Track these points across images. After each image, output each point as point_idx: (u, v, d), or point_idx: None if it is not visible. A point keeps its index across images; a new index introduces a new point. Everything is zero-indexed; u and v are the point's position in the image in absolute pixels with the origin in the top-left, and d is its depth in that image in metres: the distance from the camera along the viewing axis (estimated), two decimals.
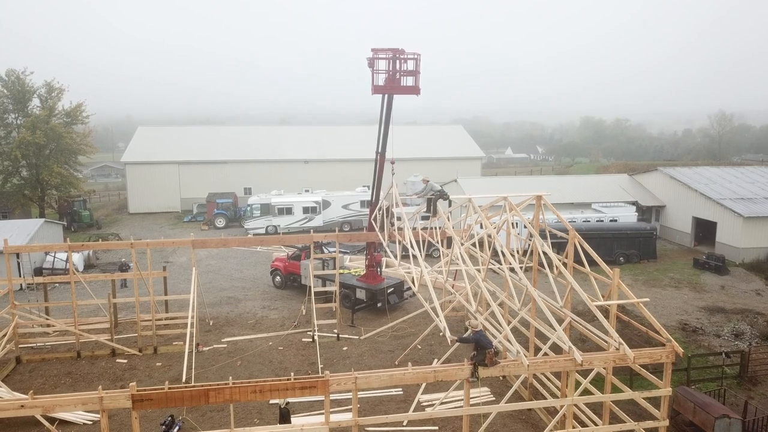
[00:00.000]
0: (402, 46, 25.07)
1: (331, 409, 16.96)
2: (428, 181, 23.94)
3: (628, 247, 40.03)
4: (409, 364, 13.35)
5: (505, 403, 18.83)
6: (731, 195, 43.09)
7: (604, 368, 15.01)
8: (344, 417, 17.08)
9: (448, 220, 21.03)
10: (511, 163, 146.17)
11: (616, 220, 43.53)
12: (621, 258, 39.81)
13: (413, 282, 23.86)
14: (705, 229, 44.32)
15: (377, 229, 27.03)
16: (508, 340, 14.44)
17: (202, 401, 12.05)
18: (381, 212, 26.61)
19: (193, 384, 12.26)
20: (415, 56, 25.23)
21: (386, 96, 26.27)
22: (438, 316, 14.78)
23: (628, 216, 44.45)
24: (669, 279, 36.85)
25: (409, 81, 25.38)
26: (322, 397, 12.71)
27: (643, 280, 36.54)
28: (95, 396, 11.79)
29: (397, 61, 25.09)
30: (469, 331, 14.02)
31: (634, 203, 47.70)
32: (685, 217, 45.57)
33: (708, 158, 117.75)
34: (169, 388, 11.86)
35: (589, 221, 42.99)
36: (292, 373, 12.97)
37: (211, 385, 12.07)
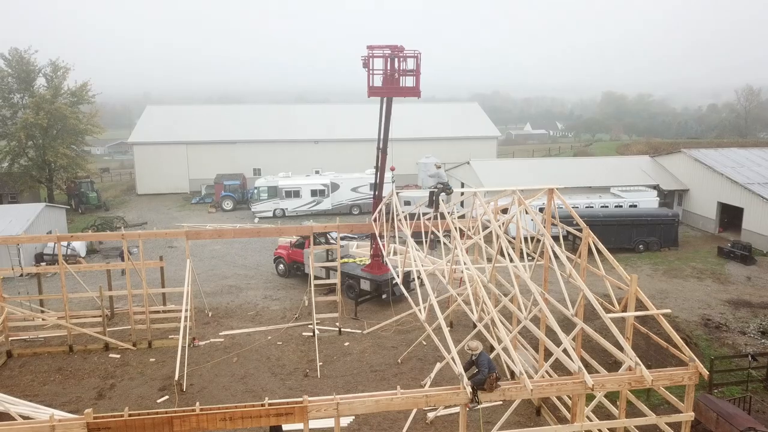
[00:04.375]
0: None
1: None
2: (440, 167, 22.46)
3: (648, 234, 38.15)
4: (398, 387, 12.02)
5: (512, 411, 17.74)
6: (760, 179, 40.80)
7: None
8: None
9: (450, 214, 19.53)
10: (530, 140, 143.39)
11: (636, 206, 41.56)
12: (640, 246, 37.99)
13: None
14: (731, 215, 42.19)
15: (377, 232, 25.73)
16: (511, 356, 13.01)
17: (165, 430, 10.89)
18: (381, 213, 25.31)
19: (156, 410, 11.09)
20: (416, 54, 23.32)
21: (385, 98, 24.60)
22: (453, 359, 13.26)
23: (648, 201, 42.41)
24: (691, 269, 35.02)
25: (408, 82, 23.50)
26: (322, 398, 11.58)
27: (663, 270, 34.77)
28: (47, 425, 10.68)
29: (396, 60, 23.21)
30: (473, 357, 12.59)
31: (655, 187, 45.59)
32: (709, 202, 43.42)
33: (734, 134, 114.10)
34: (129, 415, 10.70)
35: (607, 207, 41.08)
36: (266, 398, 11.69)
37: (176, 412, 10.89)
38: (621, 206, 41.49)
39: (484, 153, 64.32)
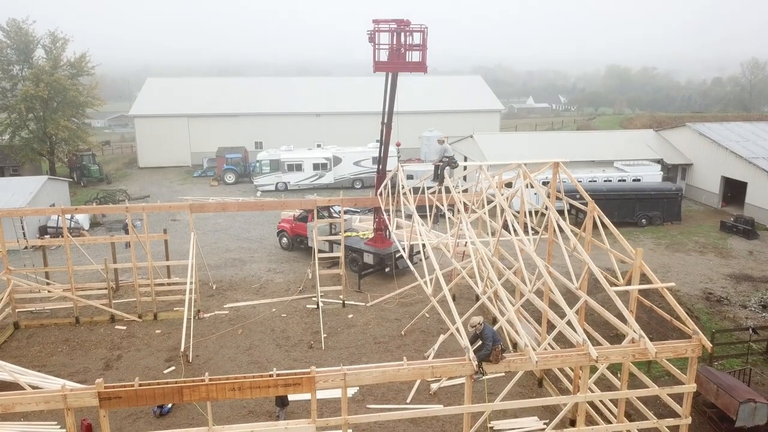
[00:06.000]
0: None
1: None
2: (443, 142, 22.34)
3: (651, 208, 38.11)
4: (404, 358, 12.16)
5: (516, 383, 17.94)
6: (764, 153, 40.58)
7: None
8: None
9: (455, 188, 19.51)
10: (532, 113, 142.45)
11: (639, 180, 41.44)
12: (643, 220, 37.99)
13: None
14: (735, 190, 42.10)
15: (382, 206, 25.73)
16: (515, 328, 13.11)
17: (175, 399, 11.06)
18: (386, 189, 25.26)
19: (166, 381, 11.25)
20: (422, 28, 23.01)
21: (390, 73, 24.35)
22: (458, 330, 13.33)
23: (652, 175, 42.27)
24: (693, 243, 35.09)
25: (415, 56, 23.23)
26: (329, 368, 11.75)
27: (665, 244, 34.84)
28: (58, 394, 10.83)
29: (402, 35, 22.88)
30: (474, 329, 12.67)
31: (659, 161, 45.42)
32: (713, 177, 43.28)
33: (738, 108, 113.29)
34: (140, 385, 10.85)
35: (610, 181, 40.96)
36: (274, 369, 11.86)
37: (186, 382, 11.04)
38: (624, 180, 41.38)
39: (487, 126, 63.95)
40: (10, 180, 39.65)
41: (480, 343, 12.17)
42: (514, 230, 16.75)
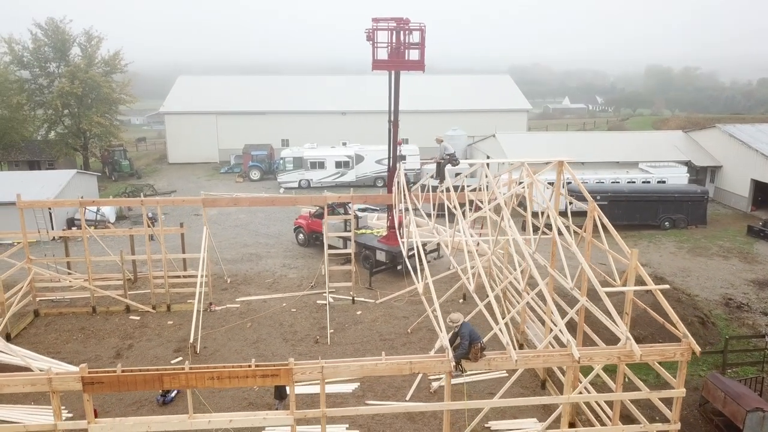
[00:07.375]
0: None
1: None
2: (442, 142, 22.33)
3: (675, 211, 37.15)
4: (383, 353, 12.20)
5: (518, 384, 17.79)
6: None
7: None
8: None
9: (460, 188, 19.44)
10: (567, 114, 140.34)
11: (664, 181, 40.47)
12: (666, 223, 37.07)
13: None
14: (765, 193, 40.73)
15: (394, 204, 25.83)
16: (499, 327, 13.03)
17: (156, 386, 11.35)
18: (398, 184, 25.37)
19: (147, 368, 11.56)
20: (421, 27, 23.00)
21: (392, 71, 24.40)
22: (442, 332, 13.37)
23: (678, 177, 41.23)
24: (717, 247, 34.09)
25: (413, 55, 23.24)
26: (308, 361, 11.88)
27: (687, 248, 33.95)
28: (44, 377, 11.24)
29: (401, 33, 22.92)
30: (453, 329, 12.65)
31: (686, 163, 44.26)
32: (742, 179, 41.94)
33: None
34: (122, 371, 11.17)
35: (634, 182, 40.13)
36: (253, 360, 12.04)
37: (167, 370, 11.33)
38: (648, 182, 40.48)
39: (513, 126, 63.31)
40: (41, 173, 41.08)
41: (458, 340, 12.14)
42: (512, 230, 16.62)
